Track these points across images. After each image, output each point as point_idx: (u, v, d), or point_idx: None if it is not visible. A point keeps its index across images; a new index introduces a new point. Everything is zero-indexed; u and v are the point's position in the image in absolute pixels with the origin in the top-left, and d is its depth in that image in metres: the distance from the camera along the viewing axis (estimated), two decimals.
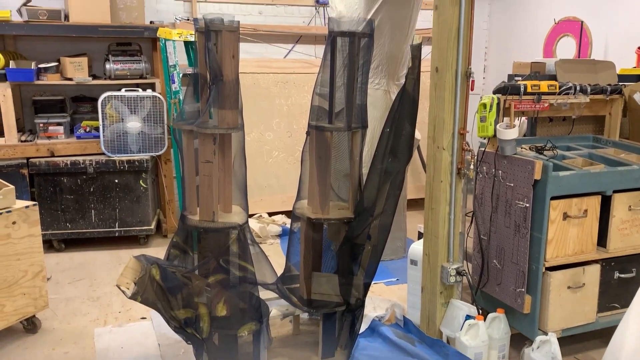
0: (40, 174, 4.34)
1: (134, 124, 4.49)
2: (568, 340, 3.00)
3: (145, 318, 3.39)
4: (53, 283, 3.91)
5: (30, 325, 3.18)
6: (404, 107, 2.53)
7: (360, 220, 2.61)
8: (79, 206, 4.45)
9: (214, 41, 2.39)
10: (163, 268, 2.43)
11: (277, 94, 5.32)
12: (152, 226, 4.63)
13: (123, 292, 2.39)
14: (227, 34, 2.37)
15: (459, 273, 2.91)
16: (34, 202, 3.12)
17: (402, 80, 4.12)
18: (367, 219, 2.61)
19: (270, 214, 5.15)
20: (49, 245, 4.54)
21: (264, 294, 2.70)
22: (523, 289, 2.75)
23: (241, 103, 2.51)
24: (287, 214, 5.18)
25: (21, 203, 3.08)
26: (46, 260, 3.95)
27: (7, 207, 2.97)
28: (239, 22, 2.43)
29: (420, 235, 3.70)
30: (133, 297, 2.38)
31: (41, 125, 4.48)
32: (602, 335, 3.12)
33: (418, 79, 2.56)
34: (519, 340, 2.91)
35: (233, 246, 2.46)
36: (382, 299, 3.58)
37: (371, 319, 3.22)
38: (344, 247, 2.65)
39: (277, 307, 2.76)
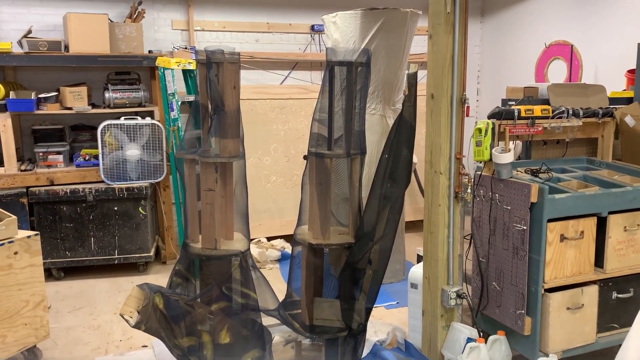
0: (39, 202, 4.36)
1: (133, 152, 4.53)
2: None
3: (146, 346, 3.39)
4: (53, 312, 3.90)
5: (32, 355, 3.17)
6: (402, 133, 2.58)
7: (361, 245, 2.65)
8: (78, 234, 4.46)
9: (215, 72, 2.45)
10: (166, 296, 2.45)
11: (274, 120, 5.39)
12: (151, 253, 4.64)
13: (126, 320, 2.40)
14: (228, 65, 2.43)
15: (459, 296, 2.94)
16: (36, 232, 3.14)
17: (398, 105, 4.20)
18: (367, 243, 2.65)
19: (269, 239, 5.17)
20: (48, 273, 4.53)
21: (266, 320, 2.72)
22: (523, 311, 2.77)
23: (242, 132, 2.56)
24: (286, 238, 5.20)
25: (23, 233, 3.10)
26: (46, 289, 3.97)
27: (9, 237, 2.99)
28: (239, 54, 2.49)
29: (419, 259, 3.73)
30: (137, 325, 2.39)
31: (41, 154, 4.51)
32: (602, 355, 3.14)
33: (414, 106, 2.63)
34: None
35: (235, 273, 2.48)
36: (383, 323, 3.59)
37: (372, 344, 3.23)
38: (345, 272, 2.68)
39: (279, 334, 2.78)
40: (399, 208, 2.63)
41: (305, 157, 2.80)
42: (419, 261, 3.73)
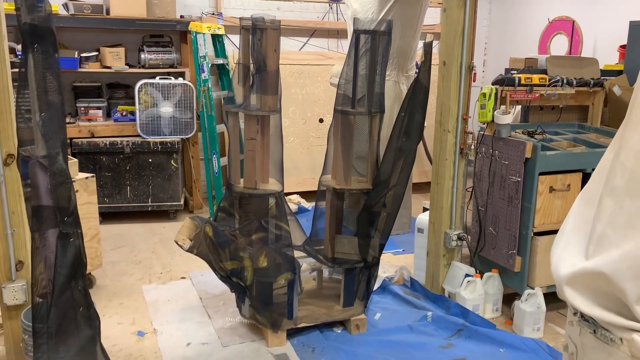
0: (82, 152, 4.81)
1: (166, 109, 4.96)
2: (552, 297, 3.49)
3: (184, 278, 3.89)
4: None
5: (87, 281, 3.67)
6: (417, 95, 3.00)
7: (377, 191, 3.09)
8: (116, 183, 4.93)
9: (258, 37, 2.86)
10: (215, 226, 2.91)
11: (293, 84, 5.78)
12: (181, 202, 5.11)
13: (180, 246, 2.87)
14: (271, 31, 2.84)
15: (459, 238, 3.41)
16: (92, 174, 3.60)
17: (411, 73, 4.61)
18: (383, 190, 3.09)
19: (286, 194, 5.63)
20: None
21: (295, 253, 3.19)
22: (514, 251, 3.24)
23: (280, 90, 2.98)
24: (302, 194, 5.66)
25: (82, 174, 3.55)
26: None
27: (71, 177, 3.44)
28: (279, 21, 2.89)
29: (425, 210, 4.19)
30: (190, 250, 2.86)
31: (82, 109, 4.94)
32: None
33: (429, 71, 3.03)
34: (511, 297, 3.40)
35: (272, 210, 2.94)
36: (391, 265, 4.07)
37: (382, 279, 3.72)
38: (363, 213, 3.13)
39: (306, 263, 3.25)
40: (411, 160, 3.07)
41: (321, 120, 3.23)
42: (424, 212, 4.20)
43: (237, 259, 2.95)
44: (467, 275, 3.38)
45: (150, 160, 4.95)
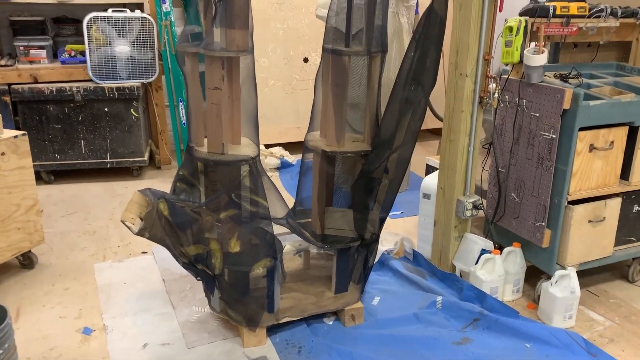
0: (24, 101, 4.07)
1: (122, 48, 4.19)
2: (580, 274, 2.96)
3: (146, 252, 3.28)
4: (45, 217, 3.74)
5: (27, 260, 3.05)
6: (431, 27, 2.31)
7: (378, 154, 2.46)
8: (67, 136, 4.22)
9: None
10: (171, 203, 2.27)
11: (272, 17, 5.00)
12: (145, 157, 4.43)
13: (128, 227, 2.24)
14: None
15: (475, 207, 2.81)
16: (23, 132, 2.90)
17: (412, 2, 3.86)
18: (384, 152, 2.46)
19: (267, 146, 4.97)
20: (38, 177, 4.33)
21: (275, 229, 2.58)
22: (543, 223, 2.66)
23: (252, 23, 2.27)
24: (285, 145, 5.01)
25: (9, 133, 2.86)
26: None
27: None
28: None
29: (429, 169, 3.58)
30: (140, 233, 2.24)
31: (21, 48, 4.16)
32: (614, 268, 3.10)
33: None
34: (533, 274, 2.86)
35: (245, 180, 2.30)
36: (390, 232, 3.49)
37: (381, 253, 3.14)
38: (359, 181, 2.50)
39: (289, 243, 2.65)
40: (421, 114, 2.42)
41: (305, 60, 2.55)
42: (427, 172, 3.59)
43: (201, 242, 2.33)
44: (483, 251, 2.81)
45: (106, 109, 4.22)
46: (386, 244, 3.31)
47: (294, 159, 4.79)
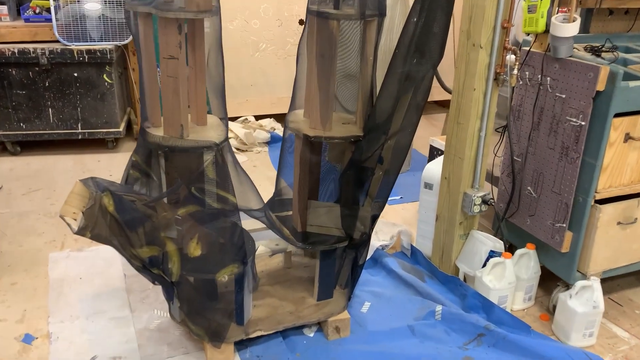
0: None
1: (93, 5, 3.73)
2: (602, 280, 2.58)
3: None
4: (5, 194, 3.38)
5: None
6: None
7: (371, 139, 2.05)
8: (33, 104, 3.81)
9: None
10: (118, 196, 1.88)
11: None
12: (121, 128, 4.02)
13: (68, 225, 1.86)
14: None
15: (485, 202, 2.41)
16: None
17: None
18: (379, 137, 2.04)
19: (257, 117, 4.55)
20: (3, 147, 3.96)
21: (248, 224, 2.20)
22: (564, 224, 2.26)
23: None
24: (277, 117, 4.59)
25: None
26: None
27: None
28: None
29: (433, 152, 3.16)
30: (80, 232, 1.85)
31: None
32: (637, 274, 2.71)
33: None
34: (547, 277, 2.48)
35: (208, 171, 1.90)
36: (385, 223, 3.10)
37: (374, 248, 2.76)
38: (349, 171, 2.10)
39: (264, 242, 2.27)
40: (424, 92, 1.99)
41: (301, 22, 2.10)
42: (431, 155, 3.17)
43: (156, 243, 1.95)
44: (492, 252, 2.42)
45: (75, 74, 3.79)
46: (381, 236, 2.93)
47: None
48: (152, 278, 2.05)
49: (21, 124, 3.83)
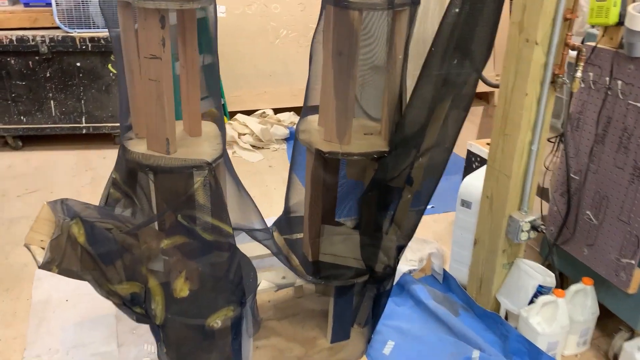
0: None
1: None
2: None
3: None
4: None
5: None
6: None
7: (399, 156, 1.68)
8: (33, 95, 3.53)
9: None
10: (90, 225, 1.56)
11: None
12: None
13: (33, 256, 1.56)
14: None
15: (534, 228, 2.02)
16: None
17: None
18: (409, 153, 1.68)
19: (276, 111, 4.19)
20: (4, 142, 3.71)
21: (250, 248, 1.87)
22: (632, 261, 1.86)
23: None
24: (297, 110, 4.22)
25: None
26: None
27: None
28: None
29: (470, 159, 2.76)
30: (45, 266, 1.55)
31: None
32: None
33: None
34: (605, 316, 2.08)
35: (198, 195, 1.56)
36: (414, 238, 2.72)
37: (401, 273, 2.40)
38: (371, 193, 1.74)
39: (268, 275, 1.92)
40: (466, 100, 1.61)
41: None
42: (469, 163, 2.78)
43: (137, 279, 1.63)
44: (541, 288, 2.04)
45: (78, 64, 3.49)
46: (409, 255, 2.55)
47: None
48: (135, 317, 1.73)
49: (22, 117, 3.57)
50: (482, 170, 2.24)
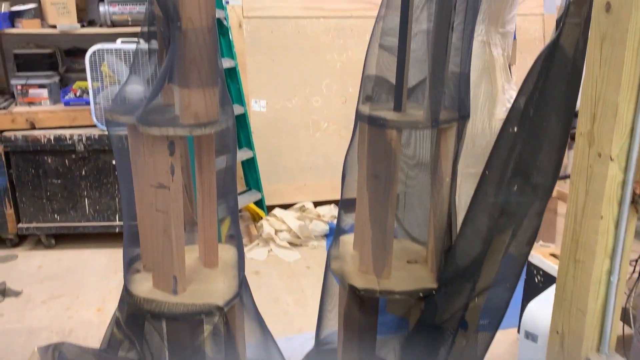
0: (17, 151, 3.35)
1: (134, 87, 3.37)
2: None
3: None
4: (23, 301, 2.97)
5: None
6: (555, 79, 1.25)
7: (450, 294, 1.40)
8: (68, 193, 3.46)
9: None
10: None
11: (329, 46, 4.06)
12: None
13: None
14: None
15: None
16: None
17: (509, 27, 2.77)
18: (462, 291, 1.39)
19: (316, 204, 3.99)
20: (37, 240, 3.63)
21: None
22: None
23: (221, 82, 1.32)
24: (338, 203, 4.01)
25: None
26: (27, 262, 3.26)
27: None
28: None
29: (531, 273, 2.42)
30: None
31: (19, 87, 3.46)
32: None
33: (587, 24, 1.26)
34: None
35: (206, 346, 1.31)
36: None
37: None
38: (417, 335, 1.45)
39: None
40: (531, 233, 1.33)
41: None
42: (530, 277, 2.43)
43: None
44: None
45: (114, 162, 3.42)
46: None
47: (349, 221, 3.77)
48: None
49: (55, 215, 3.49)
50: (548, 294, 1.91)
